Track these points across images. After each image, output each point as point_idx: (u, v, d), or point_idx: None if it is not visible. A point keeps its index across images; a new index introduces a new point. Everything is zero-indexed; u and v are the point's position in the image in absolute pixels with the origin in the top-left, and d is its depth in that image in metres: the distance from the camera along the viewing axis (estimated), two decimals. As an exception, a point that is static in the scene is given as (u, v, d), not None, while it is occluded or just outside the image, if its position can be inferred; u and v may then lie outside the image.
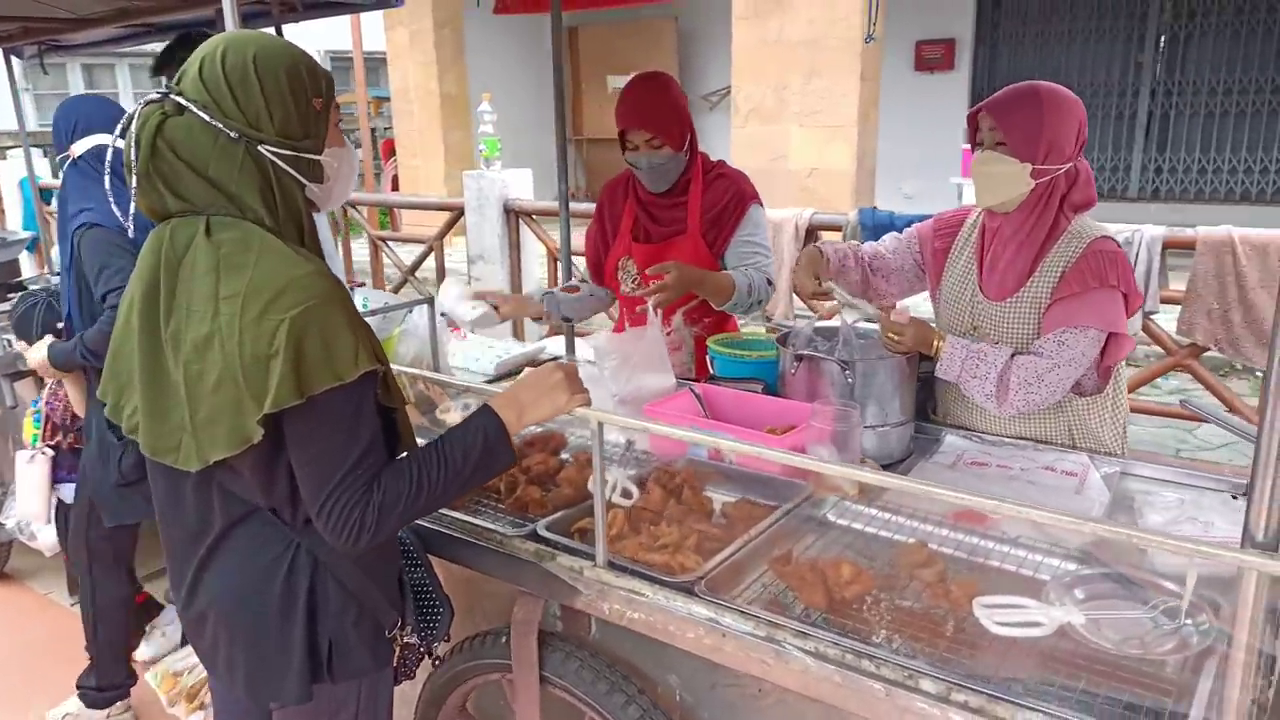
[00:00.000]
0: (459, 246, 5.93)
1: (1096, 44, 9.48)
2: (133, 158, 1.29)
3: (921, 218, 2.34)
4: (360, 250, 6.75)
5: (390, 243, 6.10)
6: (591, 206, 3.65)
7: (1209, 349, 3.27)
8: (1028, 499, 1.41)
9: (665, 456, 2.05)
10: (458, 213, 5.18)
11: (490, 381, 2.60)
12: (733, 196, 2.48)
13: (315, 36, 7.36)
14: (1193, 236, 3.16)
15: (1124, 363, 2.12)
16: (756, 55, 7.98)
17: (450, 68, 10.45)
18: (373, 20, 11.72)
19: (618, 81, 11.76)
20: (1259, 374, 5.50)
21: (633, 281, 2.57)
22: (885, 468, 2.03)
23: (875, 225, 3.58)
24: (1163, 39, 9.21)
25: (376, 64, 14.08)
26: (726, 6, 8.24)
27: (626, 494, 1.75)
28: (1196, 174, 9.21)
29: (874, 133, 8.22)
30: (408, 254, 5.97)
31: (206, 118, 1.30)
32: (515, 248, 5.03)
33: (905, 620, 1.46)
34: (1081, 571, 1.53)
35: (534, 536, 1.74)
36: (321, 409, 1.27)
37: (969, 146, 2.10)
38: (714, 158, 2.57)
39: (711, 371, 2.40)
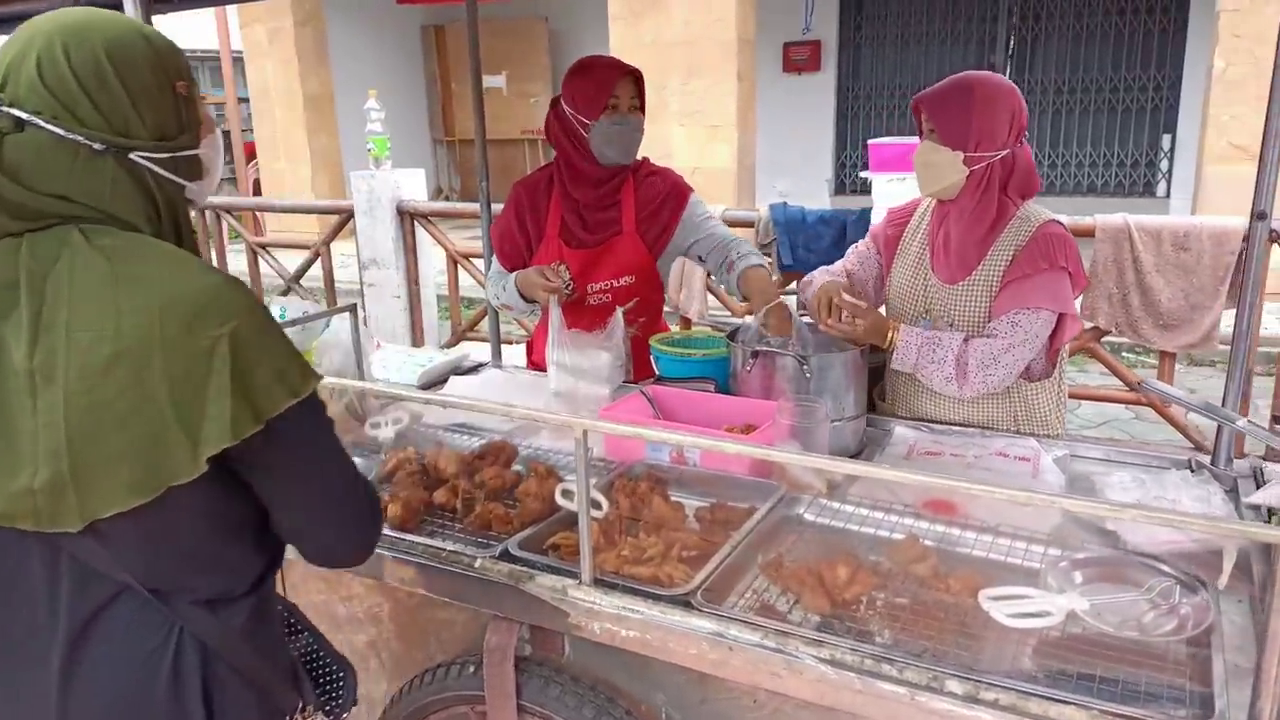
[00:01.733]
0: (336, 251, 5.62)
1: (952, 46, 9.95)
2: None
3: (835, 213, 2.35)
4: (236, 259, 6.33)
5: (270, 249, 5.71)
6: (474, 206, 3.52)
7: (1110, 332, 3.43)
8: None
9: (624, 463, 1.96)
10: (346, 215, 4.92)
11: (424, 388, 2.44)
12: (669, 190, 2.44)
13: (169, 33, 6.90)
14: (1091, 224, 3.31)
15: (1066, 347, 2.17)
16: (634, 56, 7.85)
17: (314, 67, 10.02)
18: (229, 16, 11.11)
19: (490, 82, 11.53)
20: (1124, 355, 5.85)
21: (566, 287, 2.44)
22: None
23: (787, 221, 3.58)
24: (1012, 41, 9.74)
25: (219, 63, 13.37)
26: (597, 7, 8.22)
27: (596, 505, 1.65)
28: (1047, 168, 9.78)
29: (752, 132, 8.36)
30: (288, 261, 5.60)
31: (60, 131, 1.06)
32: (411, 252, 4.81)
33: (910, 619, 1.43)
34: (1075, 555, 1.54)
35: (506, 556, 1.62)
36: (295, 424, 1.11)
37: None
38: None
39: (656, 372, 2.33)
